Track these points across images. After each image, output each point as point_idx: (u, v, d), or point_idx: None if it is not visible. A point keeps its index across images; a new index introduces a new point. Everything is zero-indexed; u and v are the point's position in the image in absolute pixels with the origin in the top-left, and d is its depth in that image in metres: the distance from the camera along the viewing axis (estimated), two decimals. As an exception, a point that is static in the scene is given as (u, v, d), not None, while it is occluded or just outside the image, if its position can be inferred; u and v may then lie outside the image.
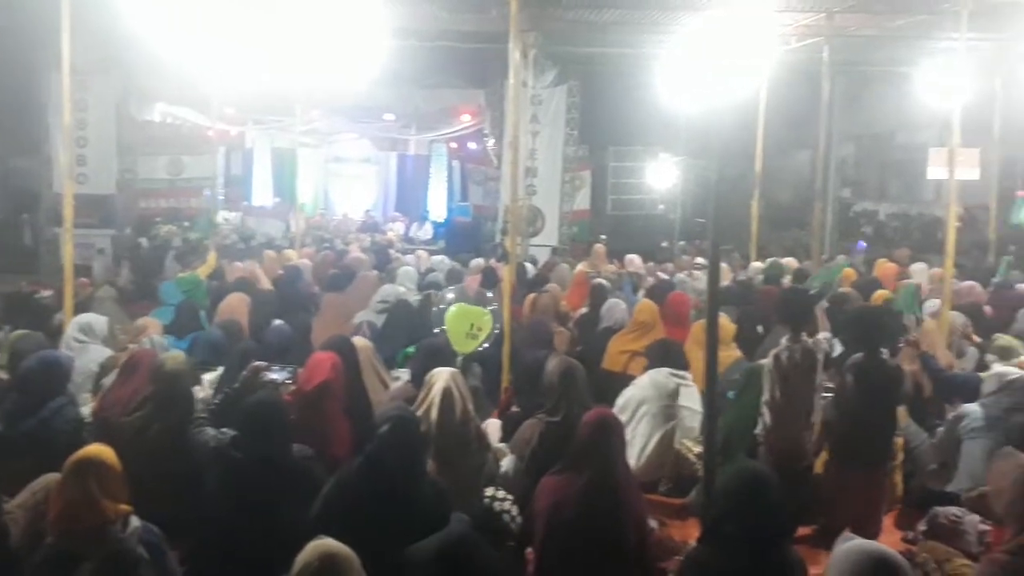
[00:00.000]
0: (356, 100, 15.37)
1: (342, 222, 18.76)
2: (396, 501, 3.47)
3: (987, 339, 6.82)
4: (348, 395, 4.76)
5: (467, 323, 6.17)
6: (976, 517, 4.27)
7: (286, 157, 18.43)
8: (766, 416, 4.74)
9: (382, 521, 3.41)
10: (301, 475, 3.78)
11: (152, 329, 6.18)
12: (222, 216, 14.27)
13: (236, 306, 6.89)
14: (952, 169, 7.45)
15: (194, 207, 14.52)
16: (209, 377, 5.37)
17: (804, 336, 4.84)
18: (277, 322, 6.18)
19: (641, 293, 8.48)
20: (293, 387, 4.57)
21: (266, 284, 8.50)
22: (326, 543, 2.68)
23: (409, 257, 11.25)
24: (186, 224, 13.80)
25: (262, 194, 19.84)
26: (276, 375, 4.46)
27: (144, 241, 13.31)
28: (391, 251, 12.57)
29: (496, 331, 6.43)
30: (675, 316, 6.87)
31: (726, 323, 6.48)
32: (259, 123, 17.57)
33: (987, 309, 7.97)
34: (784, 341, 4.85)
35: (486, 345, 6.36)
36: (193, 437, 4.21)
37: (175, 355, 4.64)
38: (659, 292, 7.80)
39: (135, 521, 3.28)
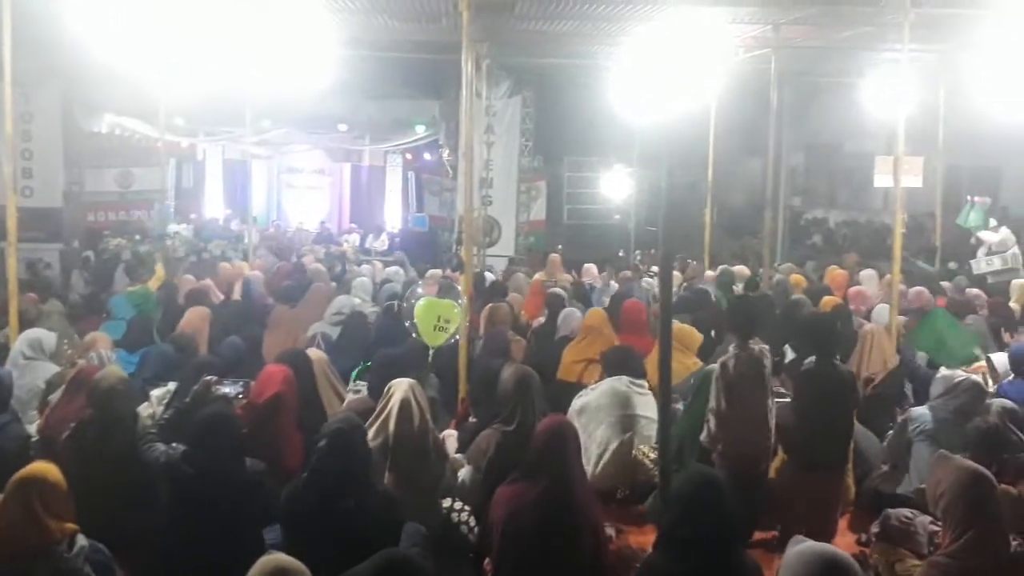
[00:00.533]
0: (308, 111, 15.29)
1: (296, 233, 18.59)
2: (342, 513, 3.44)
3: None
4: (302, 408, 4.71)
5: (435, 315, 6.16)
6: (927, 518, 4.33)
7: (238, 168, 18.24)
8: (711, 423, 4.76)
9: (330, 534, 3.39)
10: (253, 490, 3.72)
11: (101, 344, 6.05)
12: (172, 228, 14.04)
13: (196, 320, 6.79)
14: (897, 177, 7.61)
15: (144, 220, 14.28)
16: (157, 393, 5.26)
17: (752, 344, 4.89)
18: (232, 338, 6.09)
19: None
20: (245, 401, 4.50)
21: (218, 297, 8.39)
22: (277, 557, 2.64)
23: (364, 268, 11.17)
24: (136, 237, 13.56)
25: (214, 206, 19.60)
26: (228, 389, 4.40)
27: (92, 255, 13.04)
28: (346, 262, 12.47)
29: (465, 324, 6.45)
30: (632, 324, 6.90)
31: (692, 332, 6.55)
32: (210, 134, 17.38)
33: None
34: (732, 348, 4.87)
35: (456, 338, 6.35)
36: (143, 453, 4.12)
37: (111, 371, 4.51)
38: (618, 300, 7.87)
39: (81, 540, 3.21)
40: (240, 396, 4.37)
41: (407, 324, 6.52)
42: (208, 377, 4.54)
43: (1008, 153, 15.57)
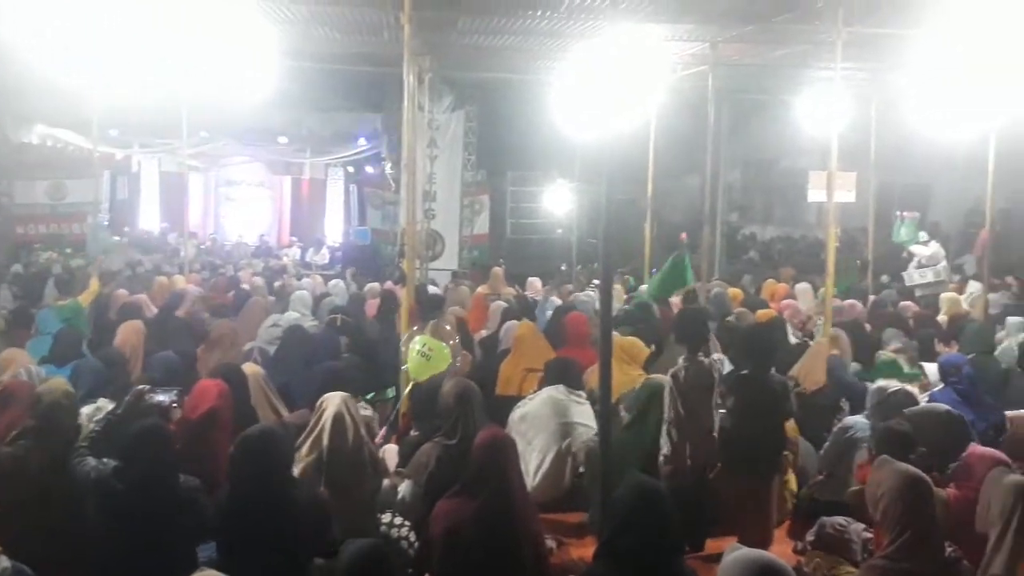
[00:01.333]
0: (248, 122, 15.11)
1: (235, 247, 18.30)
2: (264, 517, 3.43)
3: (867, 354, 7.14)
4: (237, 424, 4.61)
5: (422, 343, 6.06)
6: (860, 526, 4.41)
7: (175, 181, 17.89)
8: (673, 434, 4.81)
9: (259, 538, 3.38)
10: (187, 506, 3.63)
11: (20, 361, 5.82)
12: (105, 241, 13.66)
13: (131, 335, 6.61)
14: (831, 192, 7.79)
15: (77, 233, 13.91)
16: (87, 410, 5.09)
17: (700, 355, 4.97)
18: (166, 352, 5.95)
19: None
20: (179, 409, 4.39)
21: (152, 312, 8.19)
22: (208, 574, 2.59)
23: (304, 281, 11.03)
24: (68, 251, 13.20)
25: (150, 219, 19.19)
26: (161, 397, 4.26)
27: (20, 268, 12.64)
28: (285, 276, 12.30)
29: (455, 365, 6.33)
30: (575, 336, 6.96)
31: (637, 344, 6.61)
32: (146, 146, 17.05)
33: (866, 326, 8.35)
34: (681, 360, 4.95)
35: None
36: (73, 468, 3.98)
37: (56, 384, 4.37)
38: (560, 314, 7.91)
39: (4, 561, 3.09)
40: (174, 404, 4.24)
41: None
42: (140, 387, 4.41)
43: (937, 170, 16.09)
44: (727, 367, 6.31)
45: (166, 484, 3.63)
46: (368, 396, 5.68)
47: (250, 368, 5.37)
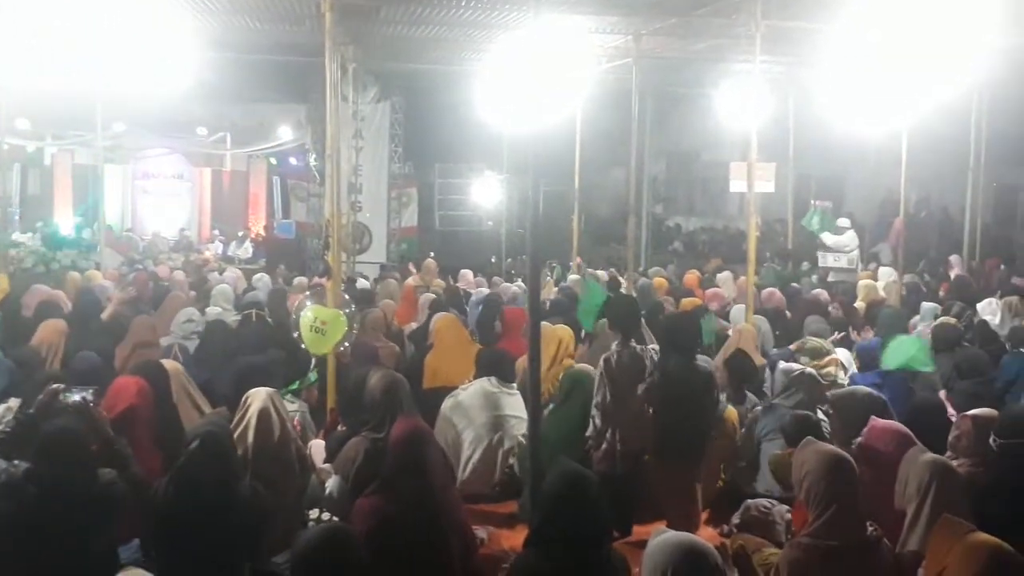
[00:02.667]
0: (166, 114, 14.68)
1: (153, 241, 17.78)
2: (211, 517, 3.35)
3: (787, 341, 7.34)
4: (158, 423, 4.49)
5: (312, 317, 5.98)
6: (784, 507, 4.53)
7: (89, 174, 17.27)
8: (596, 419, 4.88)
9: (199, 532, 3.32)
10: (105, 503, 3.50)
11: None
12: (15, 237, 13.15)
13: (51, 335, 6.36)
14: (751, 182, 7.97)
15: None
16: (-3, 410, 4.88)
17: (633, 342, 5.04)
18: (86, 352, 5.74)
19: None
20: (98, 409, 4.23)
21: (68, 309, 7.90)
22: (133, 573, 2.52)
23: (226, 275, 10.78)
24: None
25: (63, 214, 18.49)
26: (76, 396, 4.08)
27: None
28: (205, 271, 12.00)
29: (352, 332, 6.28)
30: (511, 329, 7.01)
31: (568, 332, 6.66)
32: (59, 138, 16.42)
33: (786, 313, 8.58)
34: (614, 346, 5.02)
35: (346, 345, 6.19)
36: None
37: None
38: (491, 306, 7.91)
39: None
40: (91, 403, 4.08)
41: (295, 335, 6.29)
42: (55, 385, 4.24)
43: (852, 162, 16.64)
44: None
45: (81, 485, 3.50)
46: (292, 387, 5.59)
47: (170, 365, 5.22)
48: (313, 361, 6.20)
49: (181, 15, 7.44)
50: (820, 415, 5.19)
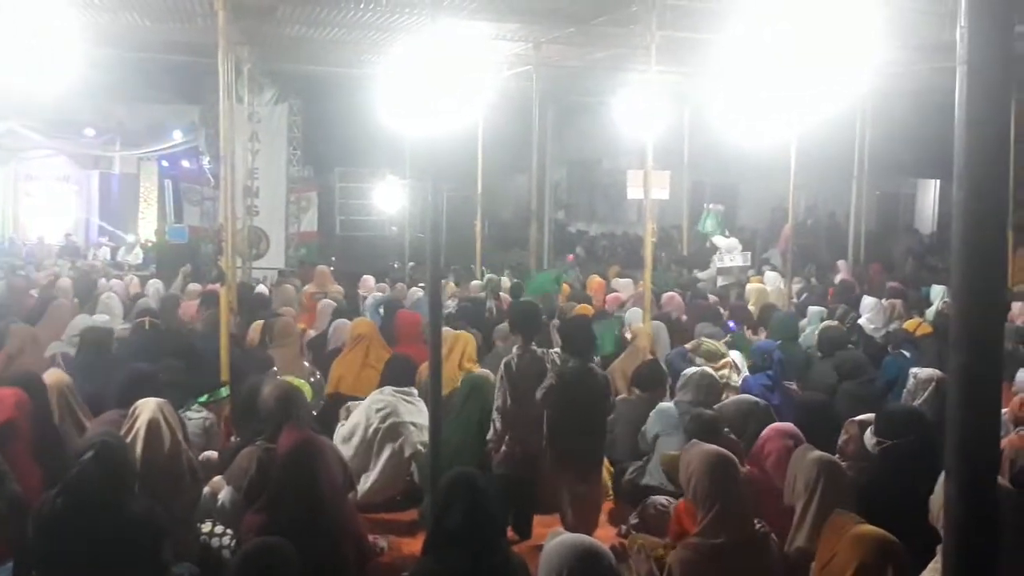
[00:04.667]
0: (49, 113, 14.01)
1: (36, 246, 16.95)
2: (102, 533, 3.22)
3: (682, 343, 7.51)
4: (37, 437, 4.26)
5: None
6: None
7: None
8: (496, 422, 4.88)
9: (88, 545, 3.19)
10: None
11: None
12: None
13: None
14: (647, 189, 8.14)
15: None
16: None
17: (534, 346, 5.06)
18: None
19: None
20: None
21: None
22: None
23: (114, 283, 10.35)
24: None
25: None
26: None
27: None
28: (93, 277, 11.48)
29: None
30: (407, 335, 6.94)
31: (471, 339, 6.65)
32: (-70, 137, 15.48)
33: (683, 317, 8.78)
34: (515, 349, 5.04)
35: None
36: None
37: None
38: (391, 311, 7.84)
39: None
40: None
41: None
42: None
43: (744, 171, 17.19)
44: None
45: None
46: (202, 399, 5.41)
47: (55, 375, 4.96)
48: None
49: (63, 9, 7.09)
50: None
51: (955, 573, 1.43)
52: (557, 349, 5.54)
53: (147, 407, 4.08)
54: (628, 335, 7.51)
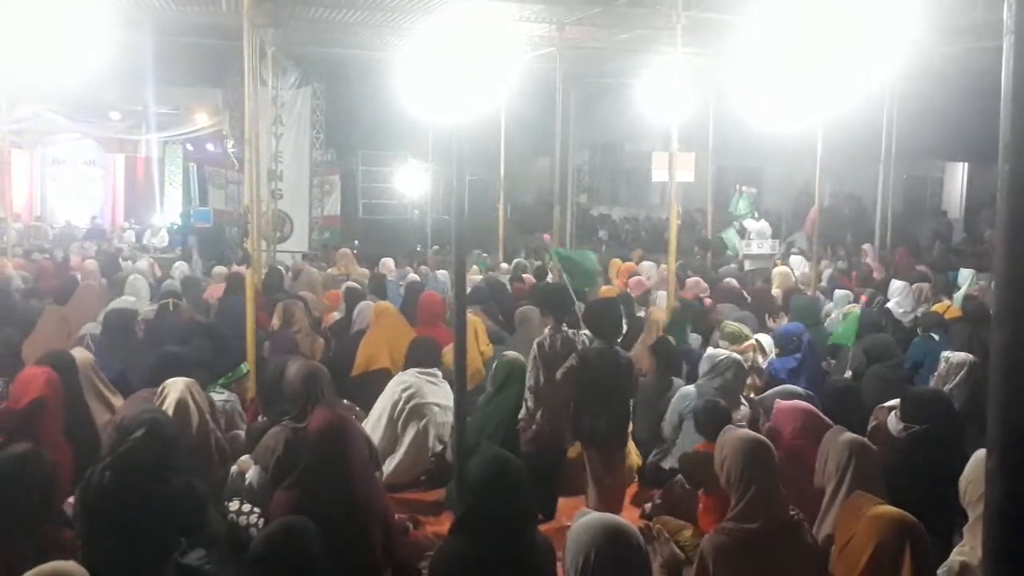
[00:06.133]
0: (76, 97, 14.12)
1: (64, 230, 17.13)
2: (145, 507, 3.27)
3: (704, 326, 7.47)
4: (68, 415, 4.31)
5: None
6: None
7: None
8: (529, 401, 4.89)
9: (132, 520, 3.24)
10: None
11: None
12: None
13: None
14: (672, 171, 8.08)
15: None
16: None
17: (565, 327, 5.06)
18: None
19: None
20: (2, 400, 4.05)
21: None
22: (54, 566, 2.42)
23: (139, 264, 10.45)
24: None
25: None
26: None
27: None
28: (121, 260, 11.61)
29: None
30: (429, 316, 6.95)
31: (480, 322, 6.66)
32: (-41, 120, 15.63)
33: (707, 300, 8.74)
34: (547, 331, 5.06)
35: None
36: None
37: None
38: (413, 293, 7.85)
39: None
40: None
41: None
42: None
43: (769, 154, 17.04)
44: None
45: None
46: (222, 380, 5.46)
47: (79, 354, 5.03)
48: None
49: (88, -9, 7.13)
50: (742, 400, 5.32)
51: (995, 548, 1.41)
52: (586, 331, 5.54)
53: (175, 387, 4.13)
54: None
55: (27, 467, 3.13)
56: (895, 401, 4.32)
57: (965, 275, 9.64)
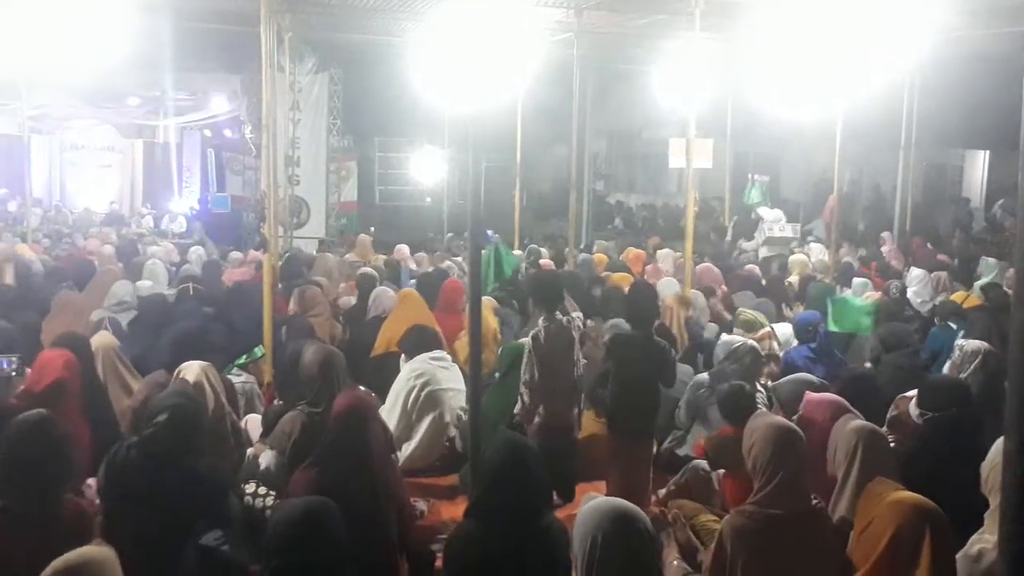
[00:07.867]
0: (95, 83, 14.19)
1: (83, 215, 17.25)
2: (169, 490, 3.32)
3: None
4: (87, 398, 4.36)
5: None
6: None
7: (15, 145, 16.65)
8: (524, 396, 4.87)
9: (156, 501, 3.29)
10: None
11: None
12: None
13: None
14: (689, 158, 8.03)
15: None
16: None
17: (559, 315, 5.03)
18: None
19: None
20: (20, 377, 4.08)
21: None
22: (79, 552, 2.45)
23: (156, 249, 10.51)
24: None
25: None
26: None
27: None
28: (139, 245, 11.68)
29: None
30: (448, 303, 6.96)
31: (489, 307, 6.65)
32: (-21, 107, 15.80)
33: (723, 288, 8.70)
34: (540, 322, 4.99)
35: None
36: None
37: None
38: (432, 280, 7.85)
39: None
40: (13, 372, 3.91)
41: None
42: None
43: (788, 141, 16.88)
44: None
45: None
46: (239, 361, 5.50)
47: (103, 338, 5.08)
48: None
49: (109, -21, 7.14)
50: (758, 387, 5.30)
51: (1012, 530, 1.41)
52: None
53: (192, 370, 4.16)
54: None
55: (44, 428, 3.15)
56: (914, 392, 4.30)
57: (991, 265, 9.53)
